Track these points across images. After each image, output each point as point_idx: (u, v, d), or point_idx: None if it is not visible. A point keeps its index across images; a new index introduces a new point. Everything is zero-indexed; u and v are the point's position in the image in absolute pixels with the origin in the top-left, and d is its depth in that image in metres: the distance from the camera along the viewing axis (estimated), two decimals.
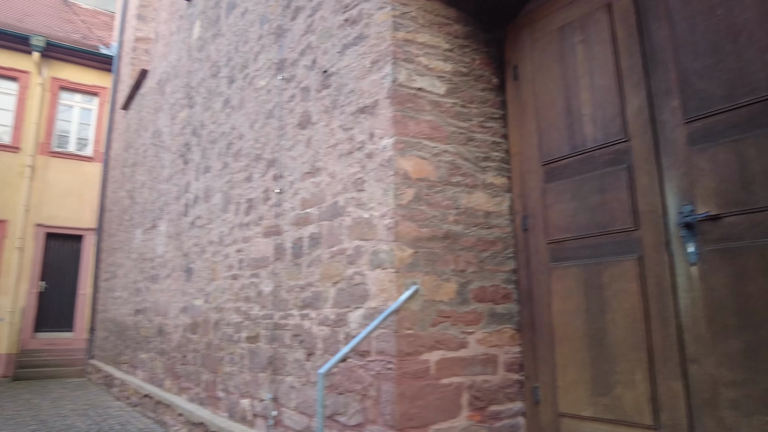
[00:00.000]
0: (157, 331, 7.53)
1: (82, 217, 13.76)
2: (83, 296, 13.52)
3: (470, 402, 3.20)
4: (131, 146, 10.87)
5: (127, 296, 9.58)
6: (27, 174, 13.28)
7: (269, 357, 4.45)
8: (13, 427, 6.84)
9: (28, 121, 13.50)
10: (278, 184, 4.64)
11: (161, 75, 9.14)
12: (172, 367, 6.77)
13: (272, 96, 4.93)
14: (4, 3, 14.80)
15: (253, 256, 4.96)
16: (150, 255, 8.35)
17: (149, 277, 8.24)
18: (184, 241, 6.86)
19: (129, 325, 9.21)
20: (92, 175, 13.99)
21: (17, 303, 12.83)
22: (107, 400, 8.89)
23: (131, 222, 9.97)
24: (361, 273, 3.41)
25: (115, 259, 11.02)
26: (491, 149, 3.63)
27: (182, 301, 6.65)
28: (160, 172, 8.38)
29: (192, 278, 6.42)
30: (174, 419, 6.16)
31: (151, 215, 8.62)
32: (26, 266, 13.05)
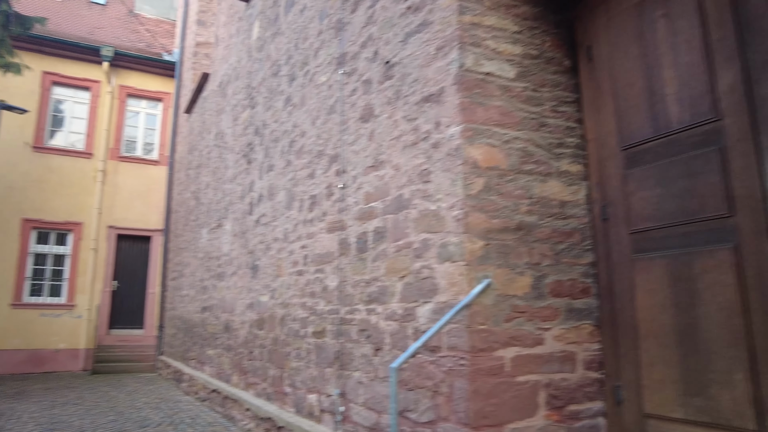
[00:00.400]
0: (224, 328, 7.68)
1: (149, 218, 14.30)
2: (152, 295, 14.05)
3: (547, 401, 3.04)
4: (195, 149, 11.18)
5: (194, 294, 9.85)
6: (99, 178, 13.92)
7: (336, 352, 4.41)
8: (93, 417, 7.14)
9: (99, 128, 14.14)
10: (341, 180, 4.60)
11: (222, 77, 9.33)
12: (239, 362, 6.88)
13: (333, 91, 4.90)
14: (77, 18, 15.56)
15: (317, 251, 4.95)
16: (216, 253, 8.54)
17: (216, 275, 8.43)
18: (249, 239, 6.95)
19: (196, 322, 9.46)
20: (158, 178, 14.51)
21: (93, 301, 13.47)
22: (177, 395, 9.16)
23: (197, 222, 10.24)
24: (429, 267, 3.31)
25: (182, 258, 11.37)
26: (565, 135, 3.44)
27: (248, 297, 6.75)
28: (224, 172, 8.55)
29: (258, 275, 6.49)
30: (242, 414, 6.25)
31: (216, 215, 8.81)
32: (100, 266, 13.68)
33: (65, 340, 13.09)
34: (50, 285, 13.39)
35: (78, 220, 13.65)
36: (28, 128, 13.52)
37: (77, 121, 14.22)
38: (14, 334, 12.68)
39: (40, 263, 13.41)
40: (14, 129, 13.35)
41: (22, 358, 12.64)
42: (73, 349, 13.12)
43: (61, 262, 13.57)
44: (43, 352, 12.85)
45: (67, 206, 13.59)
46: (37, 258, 13.39)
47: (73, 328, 13.20)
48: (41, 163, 13.54)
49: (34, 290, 13.25)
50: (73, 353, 13.10)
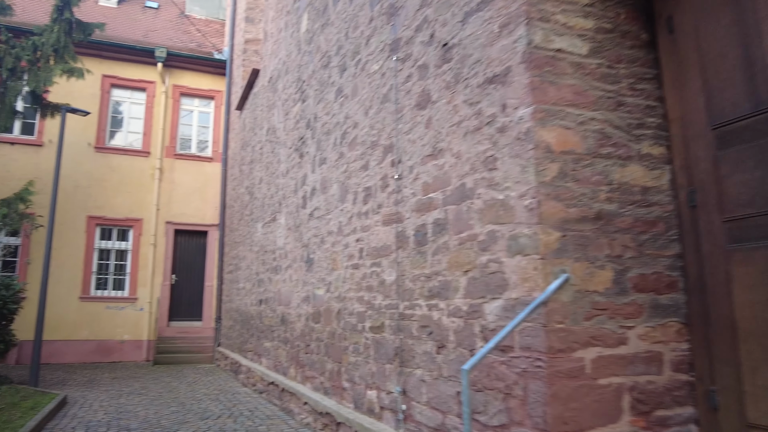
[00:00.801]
0: (280, 321, 7.62)
1: (205, 214, 14.50)
2: (209, 288, 14.26)
3: (632, 405, 2.74)
4: (248, 145, 11.19)
5: (250, 287, 9.87)
6: (156, 176, 14.19)
7: (396, 348, 4.21)
8: (157, 408, 7.22)
9: (155, 127, 14.41)
10: (397, 170, 4.37)
11: (272, 73, 9.25)
12: (295, 355, 6.79)
13: (387, 79, 4.67)
14: (132, 23, 15.88)
15: (373, 245, 4.75)
16: (271, 247, 8.49)
17: (271, 269, 8.39)
18: (303, 233, 6.84)
19: (253, 314, 9.48)
20: (213, 174, 14.68)
21: (154, 294, 13.78)
22: (235, 386, 9.21)
23: (251, 216, 10.25)
24: (498, 260, 3.05)
25: (238, 252, 11.44)
26: (645, 115, 3.10)
27: (304, 291, 6.64)
28: (277, 167, 8.47)
29: (313, 268, 6.36)
30: (299, 408, 6.15)
31: (270, 209, 8.76)
32: (159, 260, 13.97)
33: (129, 332, 13.45)
34: (114, 279, 13.78)
35: (138, 216, 13.97)
36: (90, 129, 13.89)
37: (134, 121, 14.53)
38: (83, 326, 13.11)
39: (104, 258, 13.81)
40: (78, 131, 13.74)
41: (91, 348, 13.06)
42: (137, 341, 13.47)
43: (123, 257, 13.93)
44: (109, 343, 13.24)
45: (127, 203, 13.92)
46: (101, 253, 13.79)
47: (136, 320, 13.55)
48: (103, 163, 13.90)
49: (99, 284, 13.66)
50: (136, 344, 13.45)
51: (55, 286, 13.01)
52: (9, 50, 10.16)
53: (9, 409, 6.95)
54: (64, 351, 12.87)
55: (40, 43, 10.29)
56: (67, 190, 13.49)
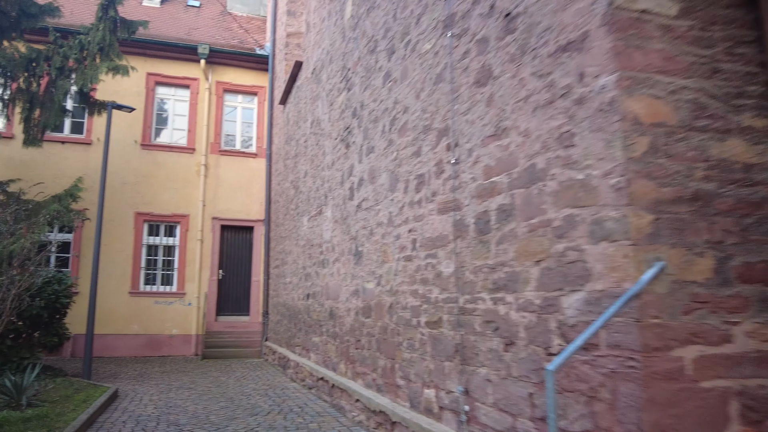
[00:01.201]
0: (329, 315, 7.45)
1: (251, 209, 14.52)
2: (256, 282, 14.29)
3: (742, 413, 2.39)
4: (292, 138, 11.07)
5: (297, 281, 9.76)
6: (202, 172, 14.28)
7: (456, 345, 3.93)
8: (206, 403, 7.17)
9: (200, 124, 14.49)
10: (453, 155, 4.08)
11: (315, 64, 9.07)
12: (345, 351, 6.60)
13: (440, 58, 4.38)
14: (175, 21, 16.04)
15: (427, 235, 4.48)
16: (317, 241, 8.33)
17: (318, 262, 8.23)
18: (351, 225, 6.63)
19: (300, 309, 9.36)
20: (257, 170, 14.68)
21: (201, 289, 13.89)
22: (284, 381, 9.12)
23: (297, 210, 10.13)
24: (578, 248, 2.73)
25: (284, 246, 11.36)
26: (745, 83, 2.72)
27: (353, 284, 6.43)
28: (322, 159, 8.29)
29: (362, 261, 6.15)
30: (351, 405, 5.95)
31: (316, 202, 8.60)
32: (206, 256, 14.07)
33: (178, 326, 13.61)
34: (162, 274, 13.96)
35: (184, 212, 14.10)
36: (136, 127, 14.08)
37: (179, 118, 14.65)
38: (133, 320, 13.33)
39: (152, 254, 14.00)
40: (124, 128, 13.93)
41: (141, 343, 13.27)
42: (185, 335, 13.61)
43: (170, 253, 14.10)
44: (158, 338, 13.43)
45: (174, 199, 14.07)
46: (149, 249, 13.99)
47: (184, 314, 13.69)
48: (149, 160, 14.07)
49: (148, 279, 13.86)
50: (185, 338, 13.59)
51: (105, 282, 13.26)
52: (57, 50, 10.32)
53: (62, 401, 7.01)
54: (116, 345, 13.11)
55: (87, 42, 10.41)
56: (115, 186, 13.72)
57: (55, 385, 7.99)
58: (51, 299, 8.86)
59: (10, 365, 8.53)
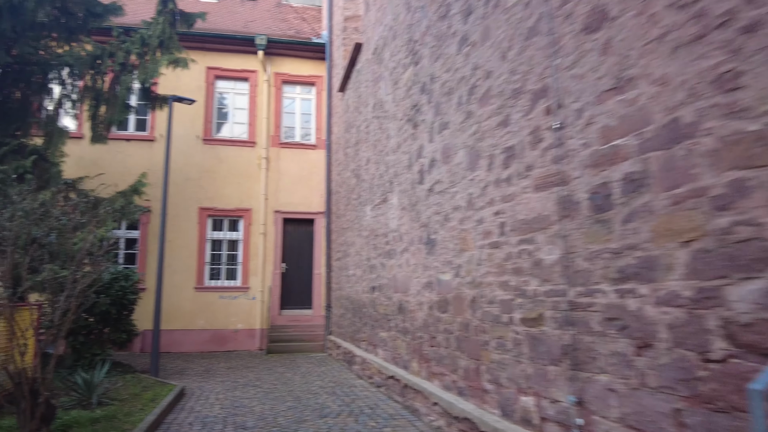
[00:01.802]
0: (397, 309, 6.89)
1: (311, 201, 14.19)
2: (318, 275, 13.96)
3: None
4: (352, 126, 10.59)
5: (361, 274, 9.27)
6: (263, 166, 14.06)
7: (564, 346, 3.27)
8: (273, 402, 6.78)
9: (259, 117, 14.27)
10: (555, 118, 3.41)
11: (377, 43, 8.51)
12: (418, 348, 6.02)
13: (533, 8, 3.70)
14: (232, 14, 15.90)
15: (520, 217, 3.82)
16: (383, 230, 7.79)
17: (384, 253, 7.69)
18: (421, 212, 6.03)
19: (365, 302, 8.87)
20: (317, 161, 14.33)
21: (265, 283, 13.69)
22: (350, 378, 8.65)
23: (359, 200, 9.64)
24: (753, 221, 2.03)
25: (346, 238, 10.91)
26: None
27: (425, 276, 5.84)
28: (386, 144, 7.73)
29: (435, 251, 5.54)
30: (427, 408, 5.37)
31: (379, 190, 8.06)
32: (269, 249, 13.86)
33: (242, 321, 13.46)
34: (226, 269, 13.85)
35: (247, 206, 13.92)
36: (198, 122, 14.01)
37: (239, 111, 14.49)
38: (198, 315, 13.29)
39: (216, 249, 13.92)
40: (186, 123, 13.89)
41: (207, 338, 13.21)
42: (250, 329, 13.45)
43: (234, 247, 13.97)
44: (223, 332, 13.32)
45: (236, 194, 13.92)
46: (213, 244, 13.90)
47: (249, 309, 13.53)
48: (211, 154, 13.98)
49: (212, 274, 13.79)
50: (249, 333, 13.43)
51: (171, 277, 13.27)
52: (120, 45, 10.25)
53: (131, 400, 6.79)
54: (183, 340, 13.10)
55: (147, 36, 10.29)
56: (178, 182, 13.69)
57: (124, 383, 7.85)
58: (118, 295, 8.76)
59: (83, 361, 8.49)
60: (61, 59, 10.06)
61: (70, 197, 10.02)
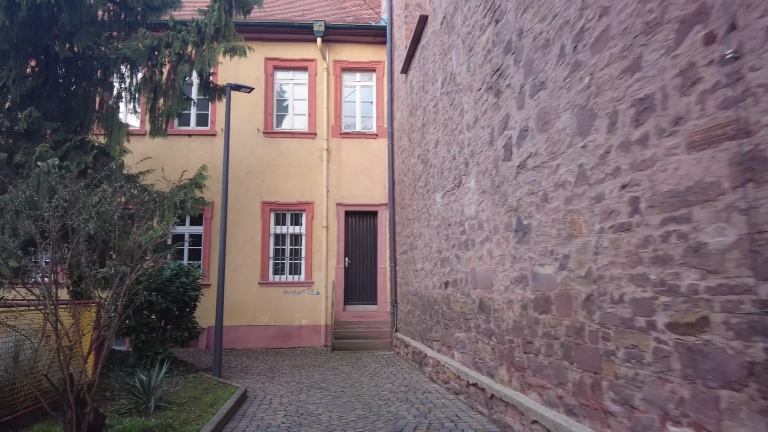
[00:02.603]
0: (478, 308, 5.98)
1: (374, 193, 13.43)
2: (382, 270, 13.19)
3: None
4: (417, 108, 9.71)
5: (430, 268, 8.40)
6: (324, 157, 13.43)
7: (748, 363, 2.28)
8: (340, 409, 6.05)
9: (319, 107, 13.65)
10: (724, 47, 2.41)
11: (445, 10, 7.58)
12: (507, 353, 5.10)
13: None
14: (288, 4, 15.37)
15: (665, 188, 2.84)
16: (457, 219, 6.88)
17: (459, 244, 6.79)
18: (507, 194, 5.09)
19: (436, 298, 7.99)
20: (379, 151, 13.55)
21: (329, 278, 13.07)
22: (422, 382, 7.81)
23: (427, 188, 8.76)
24: None
25: (412, 229, 10.07)
26: None
27: (515, 269, 4.90)
28: (459, 121, 6.82)
29: (529, 239, 4.60)
30: (524, 425, 4.45)
31: (452, 174, 7.16)
32: (332, 243, 13.23)
33: (306, 317, 12.91)
34: (290, 264, 13.34)
35: (309, 199, 13.34)
36: (258, 115, 13.54)
37: (299, 102, 13.92)
38: (263, 311, 12.84)
39: (279, 243, 13.43)
40: (246, 117, 13.46)
41: (272, 334, 12.73)
42: (314, 325, 12.88)
43: (297, 242, 13.43)
44: (288, 328, 12.82)
45: (298, 187, 13.36)
46: (276, 238, 13.42)
47: (313, 304, 12.96)
48: (272, 147, 13.49)
49: (276, 269, 13.31)
50: (314, 329, 12.86)
51: (235, 273, 12.88)
52: (176, 35, 9.83)
53: (189, 404, 6.24)
54: (248, 336, 12.68)
55: (203, 24, 9.84)
56: (240, 176, 13.29)
57: (185, 384, 7.35)
58: (179, 292, 8.30)
59: (145, 360, 8.08)
60: (120, 53, 9.74)
61: (131, 192, 9.72)
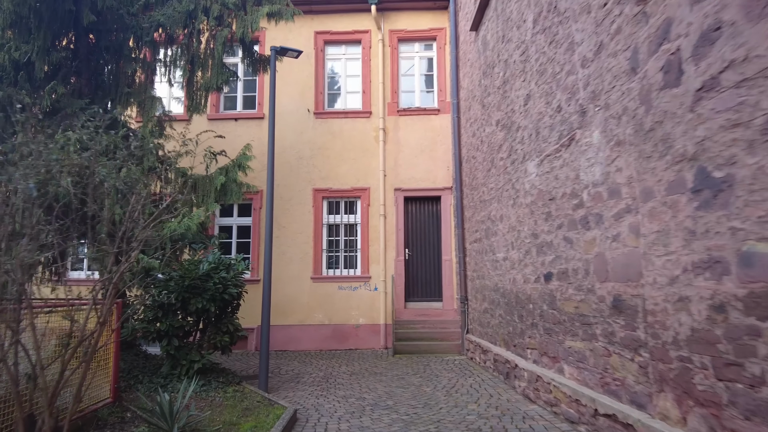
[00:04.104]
0: (611, 308, 4.18)
1: (436, 176, 11.71)
2: (447, 262, 11.46)
3: None
4: (493, 65, 7.93)
5: (519, 257, 6.62)
6: (380, 138, 11.81)
7: None
8: None
9: (374, 83, 12.04)
10: None
11: None
12: (677, 377, 3.29)
13: None
14: None
15: None
16: (566, 189, 5.08)
17: (569, 223, 4.99)
18: (674, 136, 3.26)
19: (530, 295, 6.21)
20: (441, 128, 11.81)
21: (387, 272, 11.46)
22: (516, 401, 6.06)
23: (511, 158, 6.98)
24: None
25: (489, 212, 8.29)
26: None
27: (694, 249, 3.09)
28: (567, 59, 5.02)
29: (728, 199, 2.78)
30: None
31: (555, 132, 5.36)
32: (390, 233, 11.60)
33: (364, 315, 11.34)
34: (344, 256, 11.81)
35: (364, 185, 11.77)
36: (308, 94, 12.08)
37: (352, 79, 12.36)
38: (317, 309, 11.37)
39: (332, 234, 11.93)
40: (296, 97, 12.04)
41: (327, 334, 11.25)
42: (372, 325, 11.30)
43: (352, 232, 11.89)
44: (344, 328, 11.29)
45: (352, 171, 11.81)
46: (329, 229, 11.93)
47: (370, 301, 11.38)
48: (324, 129, 11.99)
49: (330, 263, 11.82)
50: (372, 329, 11.28)
51: (286, 267, 11.48)
52: None
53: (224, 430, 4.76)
54: (300, 337, 11.24)
55: None
56: (290, 161, 11.88)
57: (222, 401, 5.89)
58: (218, 290, 6.85)
59: (180, 369, 6.69)
60: (152, 20, 8.45)
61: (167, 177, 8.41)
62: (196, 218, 7.04)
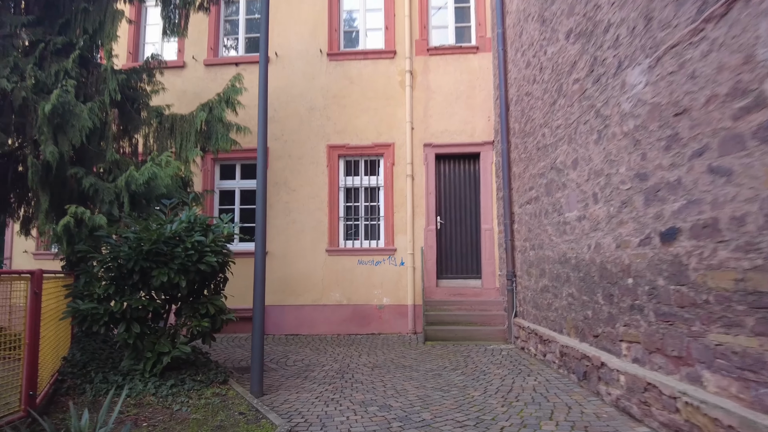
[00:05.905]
0: None
1: (475, 127, 9.80)
2: (488, 232, 9.61)
3: None
4: None
5: (611, 212, 4.72)
6: (407, 82, 9.91)
7: None
8: None
9: (399, 16, 10.11)
10: None
11: None
12: None
13: None
14: None
15: None
16: (714, 90, 3.12)
17: (724, 143, 3.04)
18: None
19: (628, 265, 4.33)
20: (480, 70, 9.86)
21: (416, 244, 9.68)
22: (608, 415, 4.24)
23: (596, 74, 5.03)
24: None
25: (552, 160, 6.38)
26: None
27: None
28: None
29: None
30: None
31: (690, 2, 3.43)
32: (419, 198, 9.77)
33: (388, 294, 9.61)
34: (365, 226, 10.06)
35: (387, 140, 9.93)
36: (320, 32, 10.22)
37: (372, 14, 10.45)
38: (333, 287, 9.68)
39: (350, 200, 10.16)
40: (305, 36, 10.20)
41: (345, 316, 9.56)
42: (398, 305, 9.56)
43: (373, 197, 10.10)
44: (365, 309, 9.59)
45: (373, 124, 9.98)
46: (347, 193, 10.16)
47: (396, 278, 9.64)
48: (339, 74, 10.15)
49: (348, 233, 10.08)
50: (398, 310, 9.55)
51: (297, 238, 9.79)
52: None
53: None
54: (314, 319, 9.58)
55: None
56: (300, 113, 10.09)
57: (193, 410, 4.24)
58: (190, 258, 5.13)
59: (145, 363, 5.05)
60: None
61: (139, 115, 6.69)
62: (165, 164, 5.33)
